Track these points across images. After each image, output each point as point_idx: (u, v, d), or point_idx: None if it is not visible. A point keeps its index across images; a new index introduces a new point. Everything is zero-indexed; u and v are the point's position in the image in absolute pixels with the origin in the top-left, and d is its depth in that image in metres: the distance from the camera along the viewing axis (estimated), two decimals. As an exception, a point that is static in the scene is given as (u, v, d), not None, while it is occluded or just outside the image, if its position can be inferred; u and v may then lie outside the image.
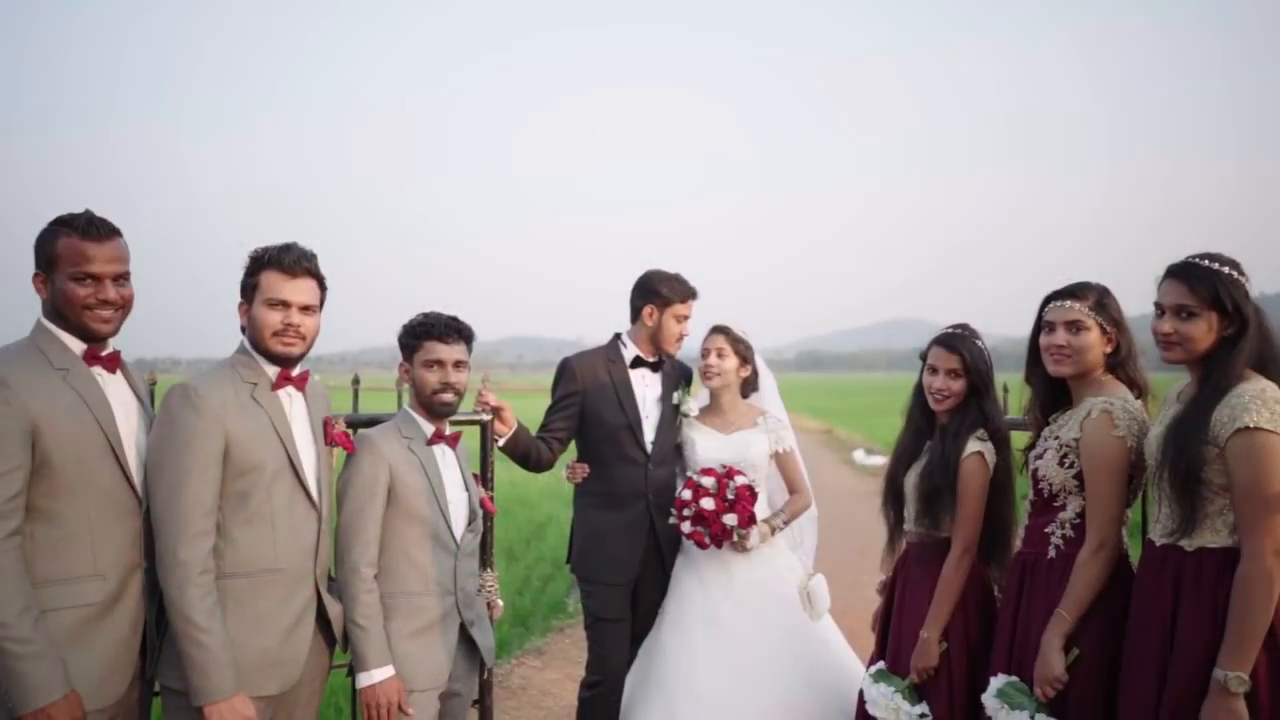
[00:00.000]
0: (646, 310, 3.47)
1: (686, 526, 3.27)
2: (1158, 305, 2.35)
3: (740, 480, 3.27)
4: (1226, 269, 2.27)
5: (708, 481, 3.26)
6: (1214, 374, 2.26)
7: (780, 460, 3.49)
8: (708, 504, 3.22)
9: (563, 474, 3.52)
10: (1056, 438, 2.59)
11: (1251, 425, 2.13)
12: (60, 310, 2.17)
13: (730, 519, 3.22)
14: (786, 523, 3.46)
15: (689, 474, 3.42)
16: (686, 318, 3.51)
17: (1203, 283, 2.26)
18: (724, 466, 3.34)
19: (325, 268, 2.47)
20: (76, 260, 2.15)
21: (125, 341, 2.35)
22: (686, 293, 3.50)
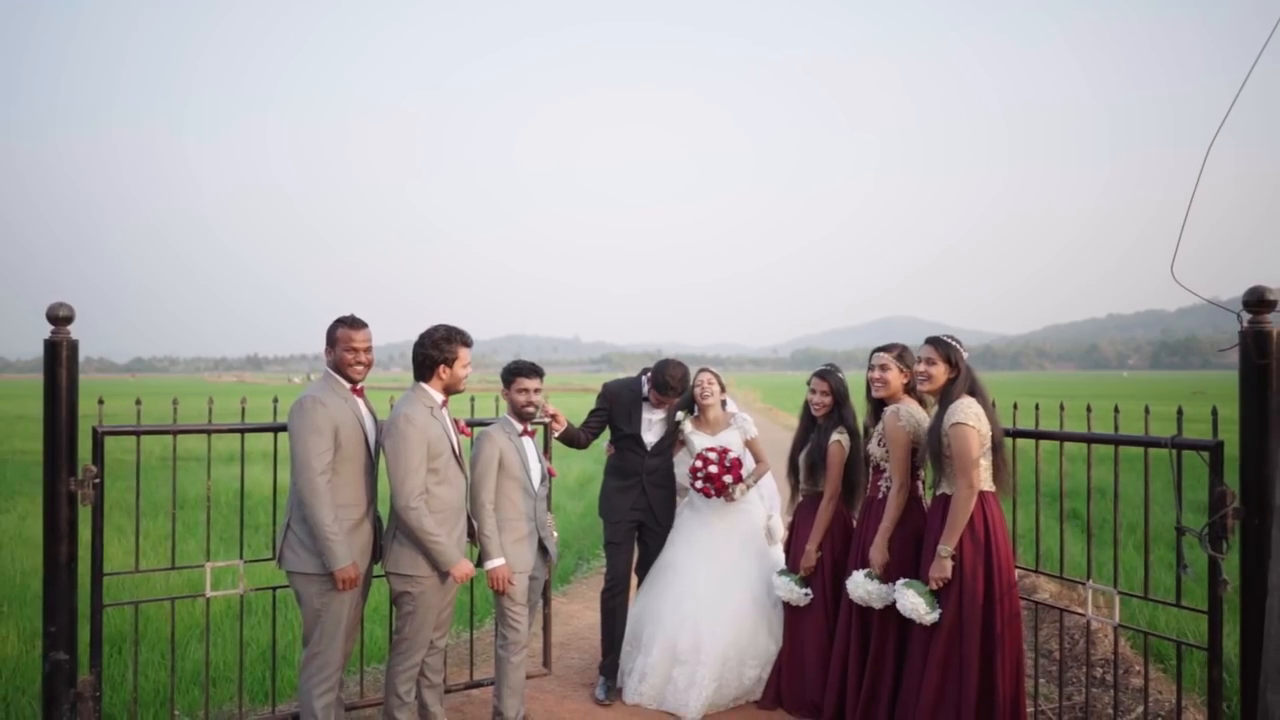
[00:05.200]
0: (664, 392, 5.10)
1: (699, 484, 4.99)
2: (918, 358, 4.26)
3: (732, 455, 5.02)
4: (954, 341, 4.15)
5: (713, 455, 5.01)
6: (945, 397, 4.14)
7: (749, 444, 5.26)
8: (714, 469, 4.97)
9: (558, 471, 5.38)
10: (877, 431, 4.51)
11: (958, 422, 4.01)
12: (338, 366, 3.95)
13: (728, 478, 4.97)
14: (755, 482, 5.18)
15: (694, 456, 5.11)
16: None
17: (940, 347, 4.13)
18: (716, 451, 5.06)
19: (327, 268, 4.16)
20: (346, 341, 3.94)
21: (125, 344, 3.85)
22: (684, 389, 5.12)
